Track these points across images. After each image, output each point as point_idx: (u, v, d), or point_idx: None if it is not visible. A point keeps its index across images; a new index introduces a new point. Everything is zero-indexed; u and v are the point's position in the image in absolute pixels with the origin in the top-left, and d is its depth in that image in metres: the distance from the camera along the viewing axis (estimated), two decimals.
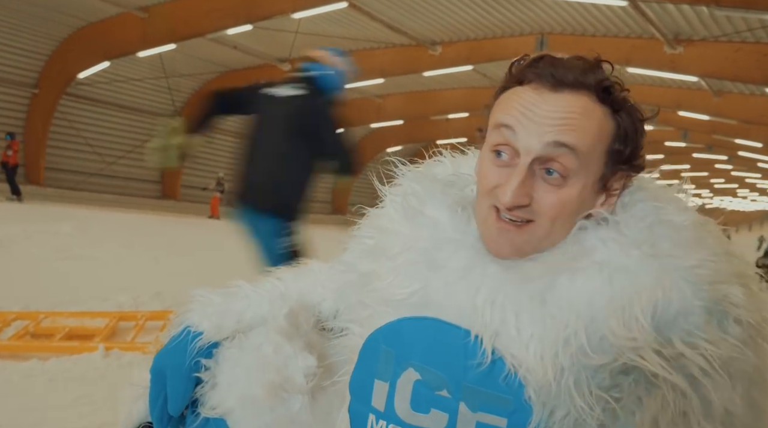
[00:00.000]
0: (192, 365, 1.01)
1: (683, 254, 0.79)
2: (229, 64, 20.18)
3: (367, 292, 0.91)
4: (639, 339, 0.74)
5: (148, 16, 15.70)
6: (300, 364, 0.99)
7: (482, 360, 0.78)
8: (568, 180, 0.81)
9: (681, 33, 14.40)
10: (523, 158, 0.82)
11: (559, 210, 0.82)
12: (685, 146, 28.37)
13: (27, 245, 8.34)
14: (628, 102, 0.86)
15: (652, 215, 0.84)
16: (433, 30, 16.47)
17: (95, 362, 4.52)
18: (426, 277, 0.86)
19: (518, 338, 0.77)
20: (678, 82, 18.21)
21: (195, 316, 1.05)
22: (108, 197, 19.10)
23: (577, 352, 0.75)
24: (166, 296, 6.48)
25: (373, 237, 0.96)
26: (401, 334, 0.86)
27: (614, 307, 0.75)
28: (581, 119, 0.81)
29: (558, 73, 0.82)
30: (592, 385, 0.75)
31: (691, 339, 0.76)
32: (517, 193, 0.80)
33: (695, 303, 0.76)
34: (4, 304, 5.56)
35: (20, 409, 3.54)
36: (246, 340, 1.03)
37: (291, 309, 1.05)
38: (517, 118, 0.83)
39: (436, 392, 0.81)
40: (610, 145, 0.84)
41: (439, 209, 0.91)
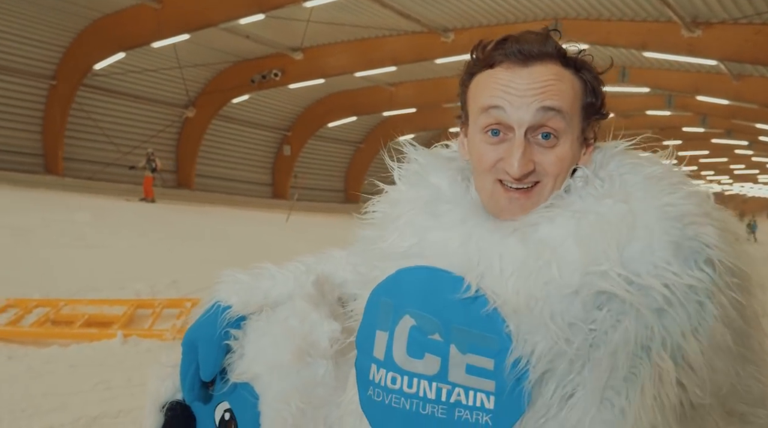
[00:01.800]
0: (222, 334, 1.09)
1: (653, 197, 0.86)
2: (242, 54, 20.21)
3: (372, 253, 0.99)
4: (605, 266, 0.81)
5: (161, 7, 15.76)
6: (325, 329, 1.06)
7: (468, 299, 0.85)
8: (559, 140, 0.91)
9: (699, 15, 14.16)
10: (517, 130, 0.90)
11: (559, 166, 0.91)
12: (703, 131, 27.98)
13: (46, 234, 8.47)
14: (584, 60, 0.95)
15: (626, 167, 0.92)
16: (445, 17, 16.35)
17: (114, 348, 4.61)
18: (423, 230, 0.94)
19: (500, 276, 0.85)
20: (696, 66, 17.91)
21: (224, 292, 1.13)
22: (125, 187, 19.28)
23: (549, 282, 0.82)
24: (182, 285, 6.57)
25: (383, 211, 1.03)
26: (399, 284, 0.93)
27: (582, 241, 0.83)
28: (557, 84, 0.91)
29: (524, 49, 0.91)
30: (566, 315, 0.81)
31: (658, 271, 0.81)
32: (522, 162, 0.89)
33: (663, 238, 0.82)
34: (25, 292, 5.67)
35: (42, 394, 3.62)
36: (273, 314, 1.10)
37: (317, 277, 1.13)
38: (502, 97, 0.91)
39: (429, 336, 0.88)
40: (583, 100, 0.94)
41: (441, 177, 1.00)
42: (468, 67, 0.98)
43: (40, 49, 17.53)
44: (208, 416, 1.11)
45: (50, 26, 17.05)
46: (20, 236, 8.00)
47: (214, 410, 1.11)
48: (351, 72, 20.02)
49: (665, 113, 24.52)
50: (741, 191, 56.80)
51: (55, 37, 17.52)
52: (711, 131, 28.00)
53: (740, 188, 55.86)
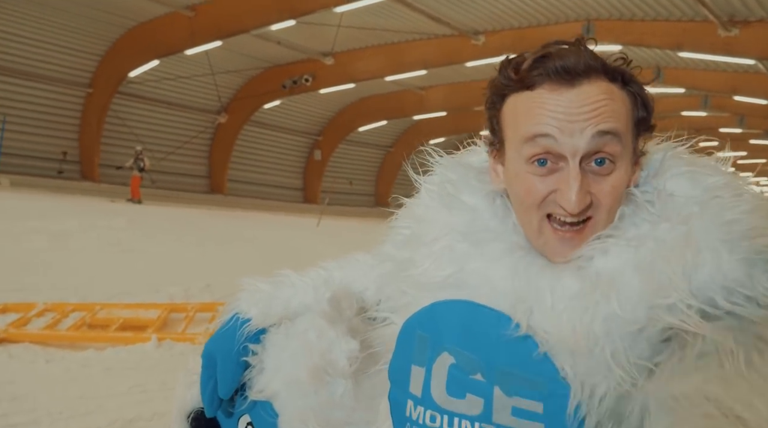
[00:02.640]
0: (240, 350, 1.05)
1: (715, 214, 0.78)
2: (273, 60, 20.41)
3: (403, 278, 0.91)
4: (673, 297, 0.73)
5: (195, 15, 16.03)
6: (343, 348, 1.01)
7: (514, 339, 0.78)
8: (616, 165, 0.82)
9: (736, 14, 13.82)
10: (571, 160, 0.80)
11: (614, 197, 0.82)
12: (741, 132, 27.30)
13: (83, 239, 8.64)
14: (631, 73, 0.86)
15: (683, 181, 0.84)
16: (476, 19, 16.27)
17: (148, 352, 4.67)
18: (462, 260, 0.86)
19: (552, 313, 0.77)
20: (733, 66, 17.48)
21: (243, 303, 1.09)
22: (159, 192, 19.61)
23: (610, 318, 0.74)
24: (215, 289, 6.63)
25: (410, 227, 0.96)
26: (435, 318, 0.86)
27: (644, 271, 0.76)
28: (610, 103, 0.81)
29: (568, 67, 0.81)
30: (630, 355, 0.73)
31: (734, 297, 0.74)
32: (580, 196, 0.80)
33: (732, 259, 0.75)
34: (62, 296, 5.79)
35: (78, 397, 3.68)
36: (292, 327, 1.06)
37: (334, 294, 1.08)
38: (550, 123, 0.81)
39: (470, 376, 0.81)
40: (635, 117, 0.85)
41: (476, 196, 0.91)
42: (498, 88, 0.87)
43: (76, 58, 17.98)
44: (232, 426, 1.10)
45: (86, 35, 17.47)
46: (58, 242, 8.18)
47: (237, 422, 1.09)
48: (381, 76, 20.06)
49: (701, 114, 23.99)
50: None
51: (91, 45, 17.94)
52: (749, 131, 27.30)
53: None
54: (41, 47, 17.08)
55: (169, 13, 16.36)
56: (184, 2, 15.77)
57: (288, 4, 14.71)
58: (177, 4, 15.80)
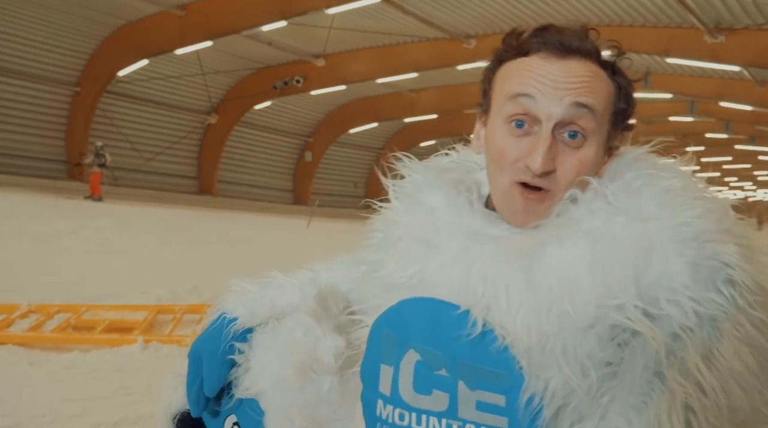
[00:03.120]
0: (227, 349, 1.06)
1: (669, 215, 0.80)
2: (264, 61, 20.37)
3: (373, 280, 0.93)
4: (621, 298, 0.75)
5: (185, 14, 15.96)
6: (329, 344, 1.02)
7: (473, 333, 0.80)
8: (586, 141, 0.85)
9: (722, 21, 13.98)
10: (545, 123, 0.84)
11: (578, 171, 0.84)
12: (727, 137, 27.59)
13: (69, 239, 8.57)
14: (620, 66, 0.90)
15: (641, 180, 0.85)
16: (467, 23, 16.33)
17: (134, 354, 4.63)
18: (423, 260, 0.88)
19: (508, 310, 0.79)
20: (719, 72, 17.68)
21: (230, 303, 1.10)
22: (147, 193, 19.49)
23: (562, 316, 0.76)
24: (202, 290, 6.59)
25: (383, 230, 0.98)
26: (401, 316, 0.88)
27: (596, 271, 0.77)
28: (594, 82, 0.85)
29: (565, 41, 0.86)
30: (579, 352, 0.76)
31: (676, 296, 0.76)
32: (546, 158, 0.83)
33: (680, 261, 0.76)
34: (46, 297, 5.73)
35: (62, 399, 3.65)
36: (279, 326, 1.07)
37: (320, 291, 1.09)
38: (535, 86, 0.85)
39: (435, 372, 0.83)
40: (615, 105, 0.88)
41: (436, 194, 0.93)
42: (497, 54, 0.92)
43: (64, 56, 17.85)
44: (218, 427, 1.10)
45: (74, 33, 17.35)
46: (43, 242, 8.11)
47: (223, 422, 1.10)
48: (373, 78, 20.09)
49: (688, 119, 24.22)
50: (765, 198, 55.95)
51: (79, 44, 17.81)
52: (734, 137, 27.60)
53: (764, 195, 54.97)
54: (28, 45, 16.94)
55: (159, 12, 16.28)
56: (175, 1, 15.71)
57: (279, 5, 14.70)
58: (167, 3, 15.74)
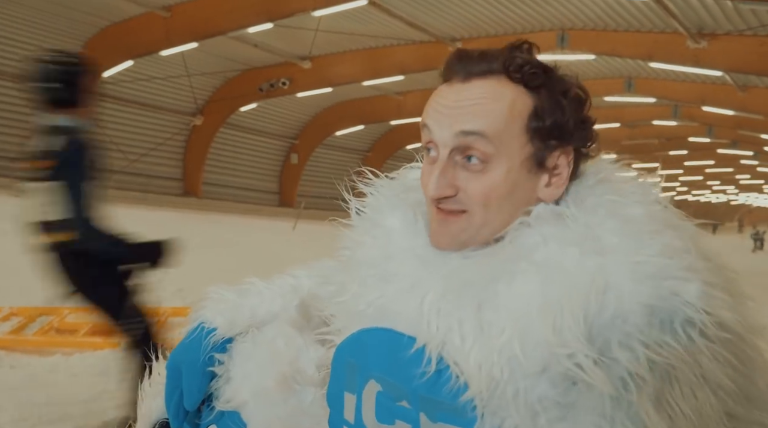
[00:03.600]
0: (206, 360, 1.03)
1: (628, 250, 0.75)
2: (250, 62, 20.31)
3: (336, 304, 0.93)
4: (571, 347, 0.71)
5: (170, 16, 15.88)
6: (311, 356, 1.00)
7: (429, 371, 0.78)
8: (489, 165, 0.82)
9: (705, 27, 14.16)
10: (441, 151, 0.84)
11: (486, 196, 0.82)
12: (709, 141, 27.91)
13: None
14: (551, 78, 0.84)
15: (603, 207, 0.80)
16: (453, 26, 16.40)
17: (118, 358, 4.60)
18: (381, 286, 0.86)
19: (461, 347, 0.76)
20: (702, 77, 17.88)
21: (209, 312, 1.06)
22: (131, 194, 19.33)
23: (512, 361, 0.73)
24: (187, 293, 6.55)
25: (349, 248, 0.97)
26: (362, 345, 0.87)
27: (547, 312, 0.73)
28: (487, 103, 0.82)
29: (466, 65, 0.84)
30: (531, 396, 0.73)
31: (629, 341, 0.71)
32: (440, 184, 0.82)
33: (635, 301, 0.72)
34: (28, 300, 5.67)
35: (45, 403, 3.61)
36: (259, 335, 1.04)
37: (302, 301, 1.07)
38: (431, 115, 0.86)
39: (397, 403, 0.82)
40: (528, 122, 0.82)
41: (394, 216, 0.92)
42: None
43: None
44: None
45: (58, 34, 17.17)
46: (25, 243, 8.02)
47: None
48: (359, 81, 20.10)
49: (671, 124, 24.47)
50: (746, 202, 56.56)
51: (63, 45, 17.62)
52: (717, 141, 27.94)
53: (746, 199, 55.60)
54: (11, 45, 16.74)
55: (145, 13, 16.18)
56: (160, 2, 15.62)
57: (265, 6, 14.67)
58: (152, 4, 15.64)
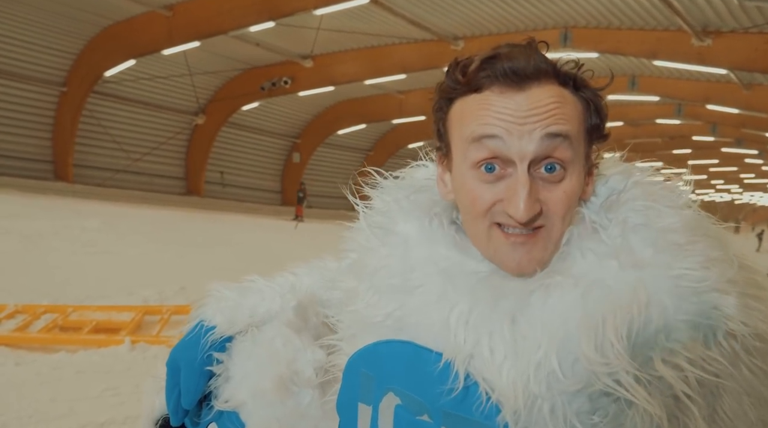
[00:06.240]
0: (205, 359, 1.02)
1: (667, 263, 0.73)
2: (252, 61, 20.31)
3: (347, 312, 0.89)
4: (613, 364, 0.69)
5: (172, 15, 15.88)
6: (309, 357, 0.99)
7: (456, 386, 0.74)
8: (567, 171, 0.78)
9: (709, 24, 14.12)
10: (519, 164, 0.76)
11: (567, 205, 0.78)
12: (713, 140, 27.86)
13: (56, 240, 8.50)
14: (583, 78, 0.82)
15: (638, 217, 0.78)
16: (455, 25, 16.38)
17: (122, 355, 4.60)
18: (400, 298, 0.82)
19: (491, 361, 0.73)
20: (706, 75, 17.85)
21: (209, 311, 1.06)
22: (134, 193, 19.37)
23: (550, 376, 0.70)
24: (190, 291, 6.57)
25: (356, 251, 0.93)
26: (379, 357, 0.83)
27: (587, 327, 0.70)
28: (561, 106, 0.78)
29: (517, 69, 0.77)
30: (569, 412, 0.70)
31: (674, 358, 0.70)
32: (529, 203, 0.75)
33: (678, 318, 0.71)
34: (33, 298, 5.68)
35: (49, 400, 3.62)
36: (259, 334, 1.03)
37: (299, 302, 1.06)
38: (498, 124, 0.77)
39: (417, 417, 0.79)
40: (587, 123, 0.81)
41: (408, 222, 0.88)
42: (445, 92, 0.84)
43: (50, 56, 17.69)
44: None
45: (61, 33, 17.21)
46: (29, 242, 8.04)
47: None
48: (361, 80, 20.08)
49: (675, 122, 24.43)
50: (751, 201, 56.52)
51: (65, 44, 17.67)
52: (721, 139, 27.86)
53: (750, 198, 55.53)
54: (14, 44, 16.77)
55: (146, 13, 16.18)
56: (162, 2, 15.61)
57: (267, 5, 14.66)
58: (154, 3, 15.64)
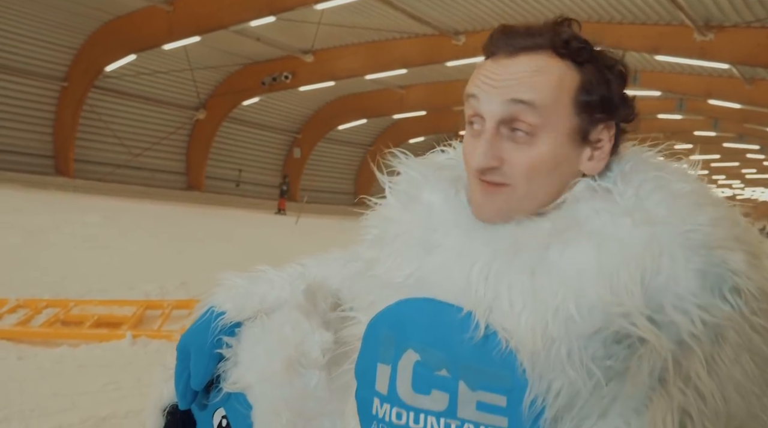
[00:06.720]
0: (214, 342, 1.06)
1: (678, 220, 0.79)
2: (253, 56, 20.28)
3: (369, 278, 0.92)
4: (628, 305, 0.74)
5: (173, 9, 15.85)
6: (317, 339, 1.02)
7: (476, 335, 0.79)
8: (535, 137, 0.83)
9: (712, 19, 14.06)
10: (488, 122, 0.85)
11: (530, 168, 0.83)
12: (715, 135, 27.79)
13: (57, 235, 8.51)
14: (596, 53, 0.88)
15: (650, 183, 0.83)
16: (456, 19, 16.33)
17: (123, 349, 4.61)
18: (422, 258, 0.86)
19: (510, 311, 0.78)
20: (708, 70, 17.79)
21: (219, 297, 1.10)
22: (135, 188, 19.38)
23: (567, 321, 0.75)
24: (191, 286, 6.57)
25: (378, 226, 0.97)
26: (400, 316, 0.86)
27: (603, 275, 0.76)
28: (536, 75, 0.84)
29: (512, 41, 0.86)
30: (584, 356, 0.75)
31: (683, 303, 0.75)
32: (486, 155, 0.83)
33: (688, 267, 0.75)
34: (35, 292, 5.69)
35: (51, 394, 3.63)
36: (268, 321, 1.06)
37: (308, 286, 1.09)
38: (478, 86, 0.86)
39: (435, 372, 0.82)
40: (576, 96, 0.85)
41: (434, 192, 0.93)
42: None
43: (51, 51, 17.67)
44: (207, 421, 1.10)
45: (62, 28, 17.18)
46: (30, 237, 8.04)
47: (212, 415, 1.10)
48: (361, 75, 20.05)
49: (677, 117, 24.38)
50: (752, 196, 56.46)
51: (66, 38, 17.64)
52: (722, 134, 27.81)
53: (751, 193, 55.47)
54: (14, 39, 16.75)
55: (147, 7, 16.15)
56: None
57: (268, 0, 14.63)
58: None
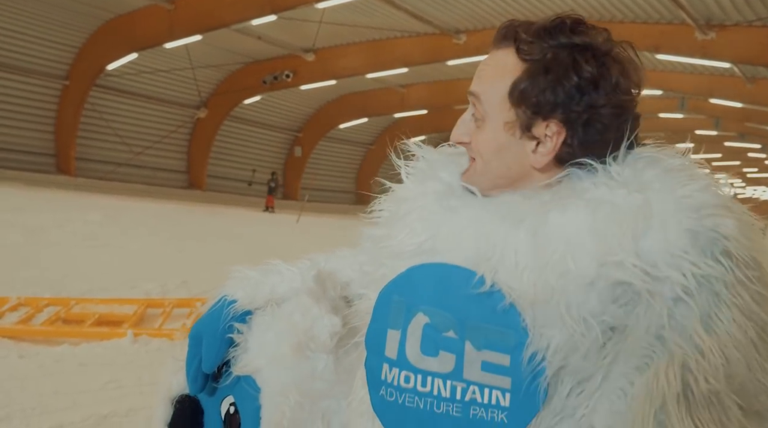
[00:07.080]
0: (226, 328, 1.10)
1: (671, 187, 0.84)
2: (254, 55, 20.27)
3: (380, 250, 0.96)
4: (620, 255, 0.79)
5: (174, 8, 15.85)
6: (325, 323, 1.06)
7: (483, 294, 0.84)
8: (482, 123, 0.92)
9: (713, 18, 14.04)
10: None
11: (479, 149, 0.92)
12: (716, 134, 27.75)
13: (58, 233, 8.51)
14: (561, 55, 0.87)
15: (643, 160, 0.89)
16: (458, 18, 16.32)
17: (124, 347, 4.62)
18: (434, 227, 0.91)
19: (515, 270, 0.83)
20: (710, 69, 17.76)
21: (231, 287, 1.15)
22: (136, 187, 19.39)
23: (565, 274, 0.80)
24: (192, 285, 6.58)
25: (389, 209, 1.01)
26: (411, 281, 0.91)
27: (597, 232, 0.81)
28: (488, 70, 0.93)
29: (497, 36, 0.94)
30: (582, 308, 0.80)
31: (675, 261, 0.79)
32: (456, 130, 0.95)
33: (680, 228, 0.80)
34: (36, 290, 5.70)
35: (52, 392, 3.63)
36: (278, 310, 1.11)
37: (319, 272, 1.14)
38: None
39: (443, 333, 0.86)
40: (510, 91, 0.89)
41: (449, 172, 0.99)
42: None
43: (53, 50, 17.67)
44: (215, 409, 1.14)
45: (63, 26, 17.18)
46: (32, 236, 8.05)
47: (220, 404, 1.13)
48: (363, 73, 20.03)
49: (678, 116, 24.34)
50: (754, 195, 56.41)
51: (68, 37, 17.65)
52: (724, 134, 27.76)
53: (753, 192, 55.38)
54: (16, 38, 16.75)
55: (148, 6, 16.15)
56: None
57: None
58: None
